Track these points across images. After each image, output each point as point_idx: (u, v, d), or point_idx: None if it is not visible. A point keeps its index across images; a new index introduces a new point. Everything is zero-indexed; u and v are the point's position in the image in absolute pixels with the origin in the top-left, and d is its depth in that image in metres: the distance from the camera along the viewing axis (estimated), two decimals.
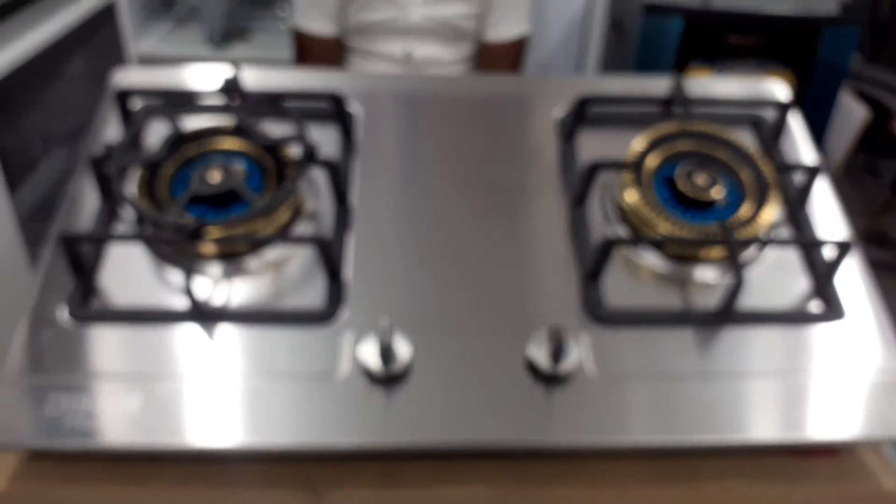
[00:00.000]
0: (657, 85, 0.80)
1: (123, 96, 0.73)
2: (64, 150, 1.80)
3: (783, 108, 0.75)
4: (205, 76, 0.78)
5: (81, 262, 0.62)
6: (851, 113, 1.72)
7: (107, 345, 0.60)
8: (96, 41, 1.83)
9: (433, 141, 0.77)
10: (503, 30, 1.42)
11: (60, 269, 0.63)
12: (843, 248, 0.63)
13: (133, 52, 1.74)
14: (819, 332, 0.62)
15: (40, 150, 1.77)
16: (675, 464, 0.60)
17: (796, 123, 0.78)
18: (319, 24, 1.39)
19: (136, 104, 0.74)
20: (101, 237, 0.64)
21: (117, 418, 0.55)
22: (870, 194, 1.98)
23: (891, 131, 1.77)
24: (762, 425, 0.58)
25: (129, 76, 0.78)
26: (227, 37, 1.81)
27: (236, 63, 0.75)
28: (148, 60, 1.79)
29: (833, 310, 0.63)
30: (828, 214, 0.70)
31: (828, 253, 0.65)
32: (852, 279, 0.66)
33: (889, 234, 1.80)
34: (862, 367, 0.60)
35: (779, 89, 0.81)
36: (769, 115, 0.78)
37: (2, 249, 1.30)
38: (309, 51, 1.42)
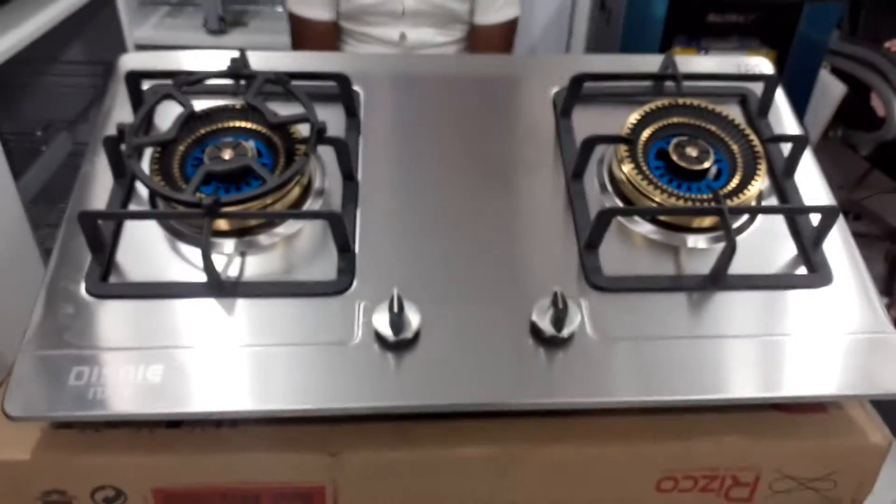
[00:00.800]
0: (648, 62, 0.82)
1: (133, 78, 0.74)
2: (65, 136, 1.80)
3: (769, 83, 0.78)
4: (210, 59, 0.80)
5: (99, 239, 0.64)
6: (829, 88, 1.77)
7: (127, 319, 0.62)
8: (94, 28, 1.83)
9: (433, 119, 0.80)
10: (494, 13, 1.44)
11: (75, 246, 0.65)
12: (831, 214, 0.66)
13: (130, 39, 1.75)
14: (807, 297, 0.65)
15: (41, 135, 1.77)
16: (672, 420, 0.63)
17: (780, 98, 0.81)
18: (315, 9, 1.41)
19: (145, 86, 0.76)
20: (117, 215, 0.66)
21: (139, 388, 0.57)
22: (847, 168, 2.03)
23: (871, 105, 1.82)
24: (752, 384, 0.61)
25: (136, 60, 0.80)
26: (223, 23, 1.81)
27: (241, 49, 0.77)
28: (144, 48, 1.79)
29: (821, 275, 0.66)
30: (813, 184, 0.74)
31: (815, 219, 0.68)
32: (838, 245, 0.69)
33: (865, 207, 1.85)
34: (848, 329, 0.63)
35: (764, 65, 0.84)
36: (755, 90, 0.81)
37: (11, 232, 1.31)
38: (305, 35, 1.44)
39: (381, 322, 0.59)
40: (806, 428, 0.64)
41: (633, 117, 0.73)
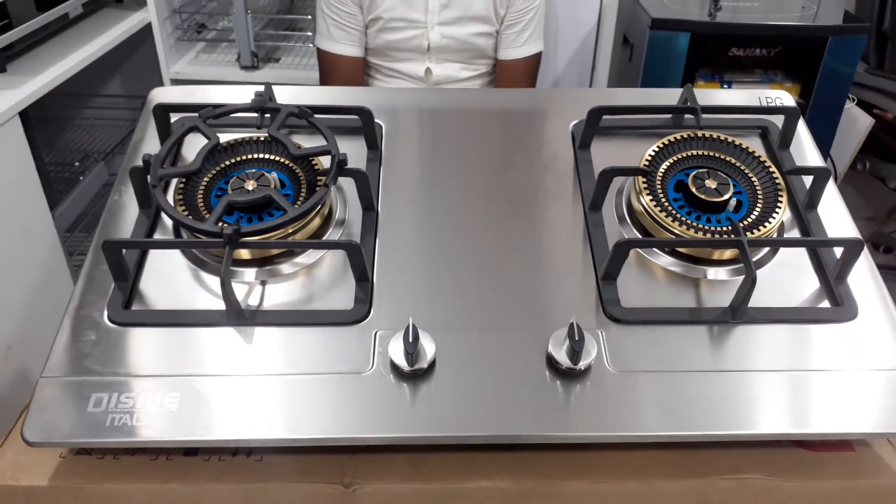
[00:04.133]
0: (667, 96, 0.83)
1: (162, 111, 0.77)
2: (101, 167, 1.86)
3: (790, 115, 0.77)
4: (238, 94, 0.82)
5: (122, 267, 0.65)
6: (856, 120, 1.75)
7: (147, 347, 0.63)
8: (133, 63, 1.90)
9: (452, 151, 0.81)
10: (518, 48, 1.46)
11: (100, 274, 0.67)
12: (855, 247, 0.65)
13: (166, 74, 1.80)
14: (832, 331, 0.64)
15: (78, 166, 1.83)
16: (692, 456, 0.62)
17: (802, 130, 0.80)
18: (342, 46, 1.44)
19: (174, 119, 0.78)
20: (141, 244, 0.68)
21: (157, 415, 0.58)
22: (876, 201, 2.00)
23: None
24: (775, 420, 0.59)
25: (167, 94, 0.82)
26: (257, 59, 1.86)
27: (267, 84, 0.79)
28: (180, 82, 1.84)
29: (846, 308, 0.65)
30: (837, 216, 0.73)
31: (839, 252, 0.67)
32: (863, 278, 0.68)
33: (894, 240, 1.81)
34: (874, 364, 0.62)
35: (785, 97, 0.84)
36: (776, 122, 0.80)
37: (46, 260, 1.35)
38: (333, 71, 1.47)
39: (397, 352, 0.59)
40: (832, 467, 0.62)
41: (652, 149, 0.73)
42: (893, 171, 1.80)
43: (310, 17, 1.89)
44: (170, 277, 0.68)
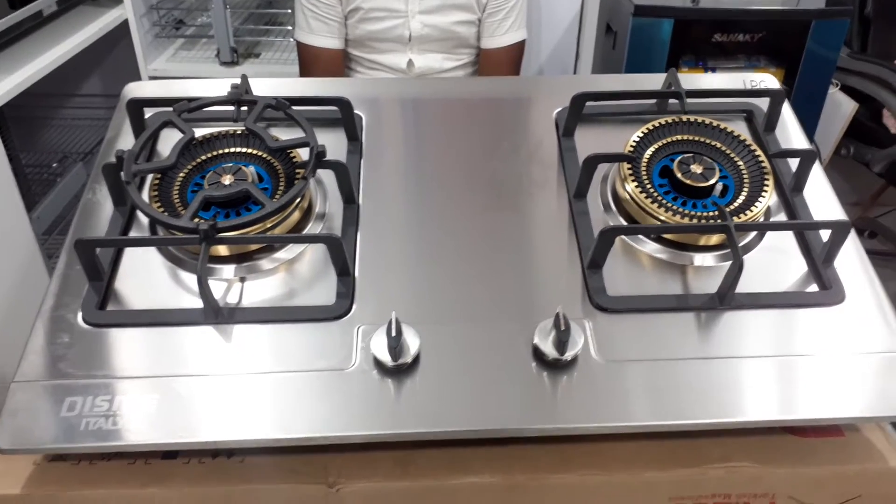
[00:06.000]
0: (651, 81, 0.82)
1: (136, 106, 0.75)
2: (80, 168, 1.83)
3: (775, 98, 0.76)
4: (214, 87, 0.80)
5: (97, 267, 0.63)
6: (840, 105, 1.75)
7: (123, 348, 0.61)
8: (111, 62, 1.87)
9: (436, 141, 0.79)
10: (501, 36, 1.44)
11: (74, 275, 0.65)
12: (842, 229, 0.64)
13: (144, 71, 1.77)
14: (820, 315, 0.63)
15: (56, 167, 1.80)
16: (682, 446, 0.61)
17: (788, 113, 0.80)
18: (322, 38, 1.42)
19: (148, 115, 0.76)
20: (115, 242, 0.66)
21: (134, 418, 0.56)
22: (860, 186, 2.00)
23: (883, 122, 1.79)
24: (765, 406, 0.59)
25: (141, 89, 0.80)
26: (236, 54, 1.83)
27: (243, 75, 0.77)
28: (158, 80, 1.81)
29: (834, 292, 0.64)
30: (823, 199, 0.72)
31: (826, 235, 0.66)
32: (850, 261, 0.67)
33: (881, 224, 1.81)
34: (863, 348, 0.61)
35: (769, 80, 0.83)
36: (761, 105, 0.79)
37: (24, 262, 1.32)
38: (313, 64, 1.45)
39: (380, 347, 0.58)
40: (822, 452, 0.62)
41: (636, 135, 0.72)
42: (878, 155, 1.80)
43: (290, 10, 1.86)
44: (146, 276, 0.66)
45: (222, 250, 0.66)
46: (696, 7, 1.57)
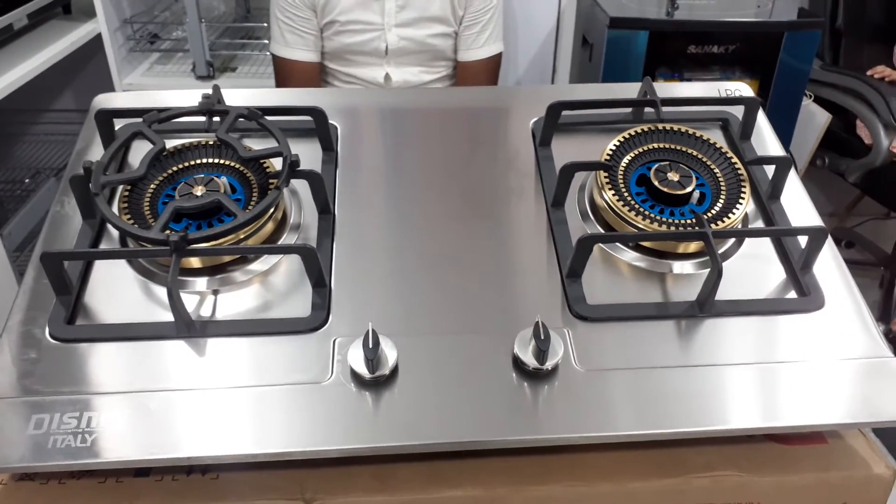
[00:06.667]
0: (627, 90, 0.82)
1: (105, 116, 0.73)
2: (52, 183, 1.81)
3: (750, 105, 0.77)
4: (186, 99, 0.79)
5: (64, 280, 0.62)
6: (814, 117, 1.77)
7: (92, 363, 0.59)
8: (84, 76, 1.85)
9: (412, 151, 0.78)
10: (478, 49, 1.45)
11: (42, 288, 0.63)
12: (819, 235, 0.64)
13: (119, 86, 1.76)
14: (800, 321, 0.63)
15: (29, 183, 1.78)
16: (665, 455, 0.61)
17: (762, 121, 0.80)
18: (298, 51, 1.41)
19: (118, 126, 0.75)
20: (83, 254, 0.64)
21: (105, 435, 0.55)
22: (836, 196, 2.03)
23: (857, 133, 1.82)
24: (747, 414, 0.58)
25: (111, 100, 0.79)
26: (212, 69, 1.82)
27: (215, 85, 0.76)
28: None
29: (813, 298, 0.64)
30: (800, 206, 0.72)
31: (804, 241, 0.66)
32: (829, 268, 0.67)
33: (857, 234, 1.84)
34: (844, 354, 0.61)
35: (744, 89, 0.84)
36: (736, 114, 0.80)
37: None
38: (288, 77, 1.44)
39: (356, 359, 0.57)
40: (805, 460, 0.61)
41: (613, 143, 0.71)
42: (853, 165, 1.83)
43: (266, 24, 1.86)
44: (116, 290, 0.64)
45: (194, 262, 0.64)
46: (671, 19, 1.59)
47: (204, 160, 0.70)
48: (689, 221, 0.66)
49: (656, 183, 0.68)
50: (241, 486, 0.58)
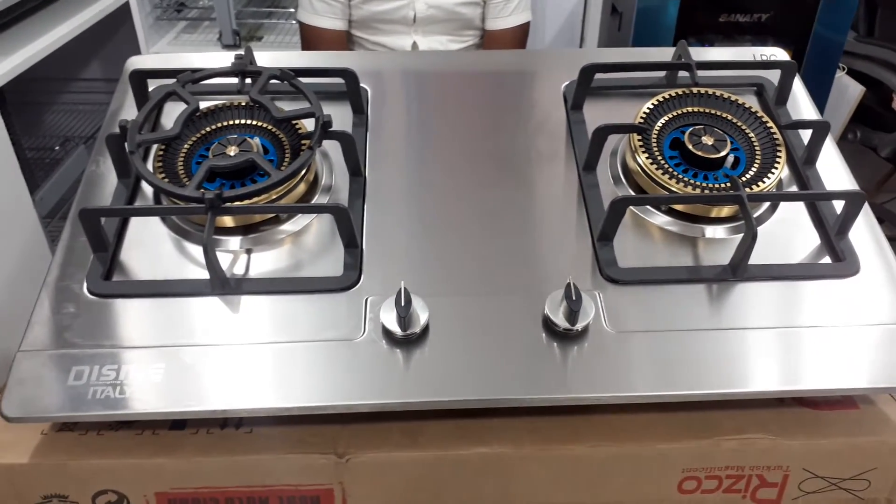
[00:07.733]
0: (660, 54, 0.81)
1: (139, 77, 0.74)
2: (82, 151, 1.83)
3: (787, 70, 0.75)
4: (217, 61, 0.79)
5: (101, 237, 0.63)
6: (847, 89, 1.73)
7: (129, 318, 0.60)
8: (112, 45, 1.85)
9: (441, 114, 0.78)
10: (506, 18, 1.43)
11: (79, 246, 0.64)
12: (856, 200, 0.63)
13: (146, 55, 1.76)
14: (834, 287, 0.63)
15: (59, 150, 1.79)
16: (694, 418, 0.61)
17: (798, 86, 0.79)
18: (325, 18, 1.40)
19: (152, 87, 0.75)
20: (120, 211, 0.65)
21: (141, 387, 0.56)
22: (867, 171, 1.99)
23: (891, 106, 1.78)
24: (777, 377, 0.58)
25: (144, 61, 0.79)
26: (239, 37, 1.82)
27: (248, 47, 0.76)
28: None
29: (848, 264, 0.64)
30: (835, 172, 0.71)
31: (840, 207, 0.65)
32: (864, 233, 0.66)
33: (888, 210, 1.80)
34: (878, 319, 0.61)
35: (780, 54, 0.82)
36: (771, 79, 0.78)
37: (27, 245, 1.32)
38: (315, 45, 1.43)
39: (389, 317, 0.57)
40: (836, 425, 0.61)
41: (647, 107, 0.71)
42: (885, 139, 1.79)
43: None
44: (151, 247, 0.65)
45: (228, 221, 0.65)
46: None
47: (236, 121, 0.70)
48: (723, 185, 0.65)
49: (690, 146, 0.67)
50: (275, 440, 0.59)
